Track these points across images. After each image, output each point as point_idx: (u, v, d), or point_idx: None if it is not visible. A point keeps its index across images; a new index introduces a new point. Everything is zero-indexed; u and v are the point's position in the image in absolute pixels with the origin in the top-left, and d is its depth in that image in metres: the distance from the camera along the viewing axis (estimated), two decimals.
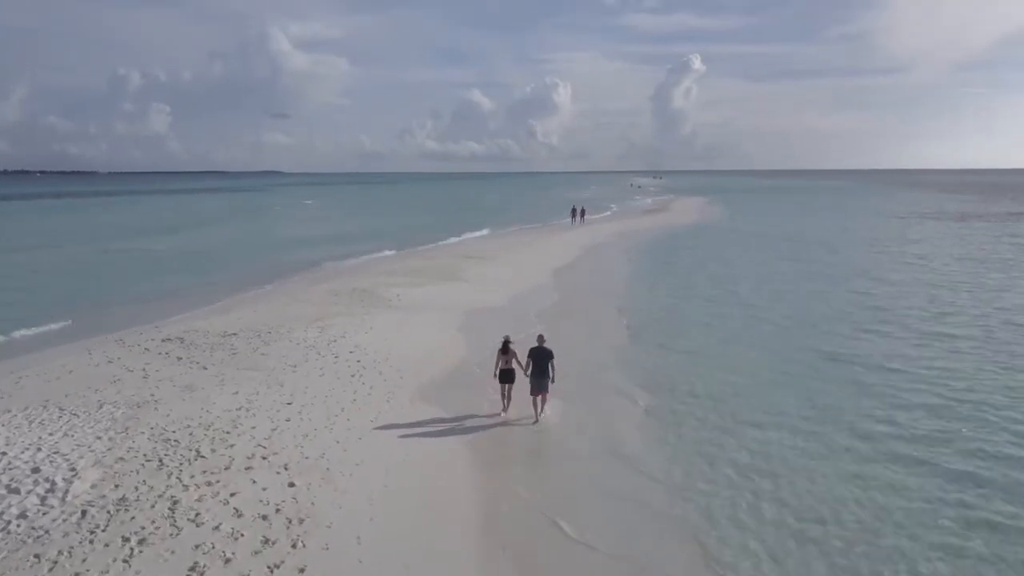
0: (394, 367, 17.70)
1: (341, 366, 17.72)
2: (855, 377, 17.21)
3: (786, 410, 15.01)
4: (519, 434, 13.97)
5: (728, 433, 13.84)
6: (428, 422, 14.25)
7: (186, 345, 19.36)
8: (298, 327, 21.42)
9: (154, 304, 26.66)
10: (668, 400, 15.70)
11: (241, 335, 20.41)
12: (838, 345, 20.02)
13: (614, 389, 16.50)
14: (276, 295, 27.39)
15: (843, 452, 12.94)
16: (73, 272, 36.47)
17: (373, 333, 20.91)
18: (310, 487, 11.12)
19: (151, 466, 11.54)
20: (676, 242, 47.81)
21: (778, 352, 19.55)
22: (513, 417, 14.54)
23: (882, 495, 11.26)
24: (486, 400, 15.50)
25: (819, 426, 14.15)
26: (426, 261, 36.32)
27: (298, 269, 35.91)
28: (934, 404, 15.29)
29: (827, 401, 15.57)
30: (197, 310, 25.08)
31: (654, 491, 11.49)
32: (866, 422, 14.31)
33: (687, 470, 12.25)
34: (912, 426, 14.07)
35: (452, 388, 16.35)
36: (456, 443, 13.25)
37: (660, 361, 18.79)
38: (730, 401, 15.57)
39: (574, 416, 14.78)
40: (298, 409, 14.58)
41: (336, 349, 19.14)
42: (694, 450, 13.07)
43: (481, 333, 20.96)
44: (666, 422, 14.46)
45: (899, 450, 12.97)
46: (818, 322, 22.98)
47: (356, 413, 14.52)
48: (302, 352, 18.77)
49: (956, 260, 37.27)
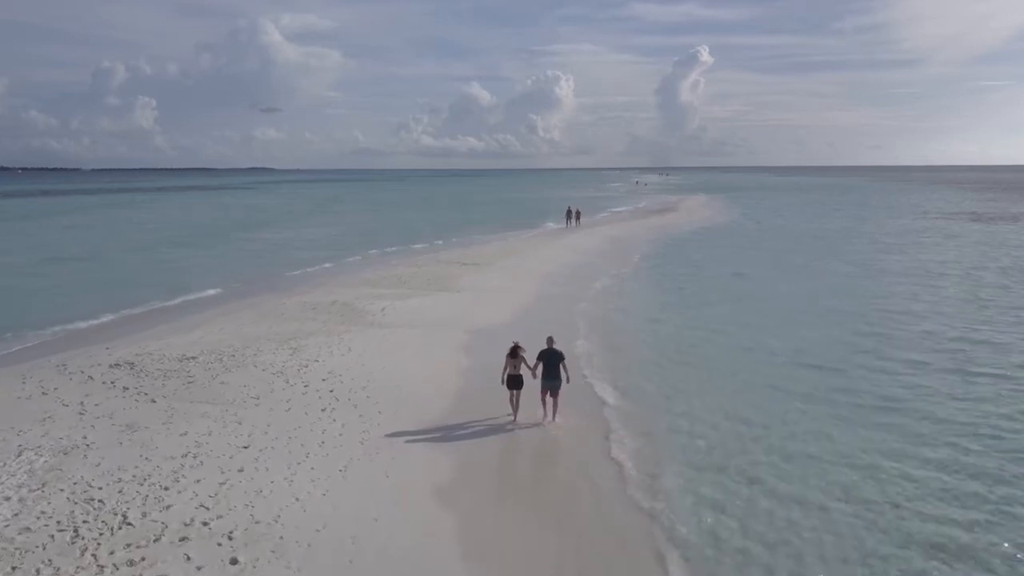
0: (372, 399, 16.01)
1: (311, 398, 16.03)
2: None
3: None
4: (526, 471, 12.28)
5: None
6: (407, 470, 12.57)
7: (136, 372, 17.65)
8: (267, 349, 19.73)
9: (109, 321, 24.97)
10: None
11: (201, 359, 18.70)
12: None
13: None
14: (247, 309, 25.66)
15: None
16: (20, 283, 33.84)
17: (351, 356, 19.21)
18: (256, 565, 9.43)
19: (62, 539, 9.82)
20: (684, 251, 45.98)
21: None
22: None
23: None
24: (483, 443, 13.84)
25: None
26: (415, 268, 34.59)
27: (274, 278, 34.26)
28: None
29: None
30: (158, 327, 23.37)
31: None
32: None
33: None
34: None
35: (440, 427, 14.66)
36: (436, 505, 11.54)
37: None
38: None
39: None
40: (255, 455, 12.89)
41: (307, 376, 17.44)
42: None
43: (478, 356, 19.29)
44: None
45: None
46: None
47: (323, 459, 12.83)
48: (268, 380, 17.07)
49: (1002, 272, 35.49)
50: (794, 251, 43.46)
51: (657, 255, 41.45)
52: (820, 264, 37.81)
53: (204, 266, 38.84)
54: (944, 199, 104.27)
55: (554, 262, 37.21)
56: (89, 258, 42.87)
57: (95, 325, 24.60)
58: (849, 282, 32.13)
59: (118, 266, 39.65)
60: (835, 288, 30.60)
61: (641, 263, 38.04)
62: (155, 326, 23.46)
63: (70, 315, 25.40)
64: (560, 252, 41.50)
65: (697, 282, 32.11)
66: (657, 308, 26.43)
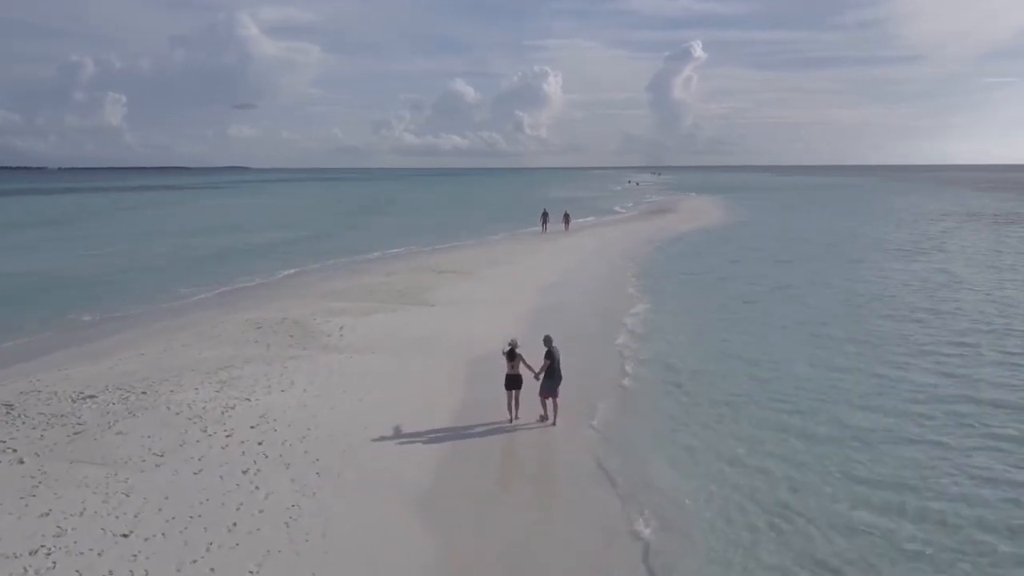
0: (311, 456, 12.82)
1: (232, 453, 12.83)
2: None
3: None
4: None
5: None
6: (347, 570, 9.40)
7: (12, 417, 14.33)
8: (188, 383, 16.46)
9: (5, 345, 21.54)
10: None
11: (101, 398, 15.40)
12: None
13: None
14: (178, 330, 22.35)
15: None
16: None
17: (292, 392, 15.98)
18: None
19: None
20: (681, 261, 42.80)
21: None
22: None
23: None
24: (468, 532, 10.70)
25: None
26: (384, 277, 31.35)
27: (221, 289, 30.85)
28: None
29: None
30: (62, 351, 20.14)
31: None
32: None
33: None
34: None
35: (403, 495, 11.49)
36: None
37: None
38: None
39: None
40: (136, 549, 9.68)
41: (232, 422, 14.22)
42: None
43: (459, 390, 16.21)
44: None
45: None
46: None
47: (229, 555, 9.66)
48: (180, 428, 13.82)
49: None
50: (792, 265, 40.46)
51: (653, 271, 38.39)
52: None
53: (141, 275, 35.08)
54: (967, 201, 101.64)
55: (544, 270, 34.05)
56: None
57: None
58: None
59: (25, 277, 34.73)
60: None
61: (639, 278, 34.95)
62: (59, 350, 20.25)
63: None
64: (549, 259, 38.38)
65: (699, 292, 29.05)
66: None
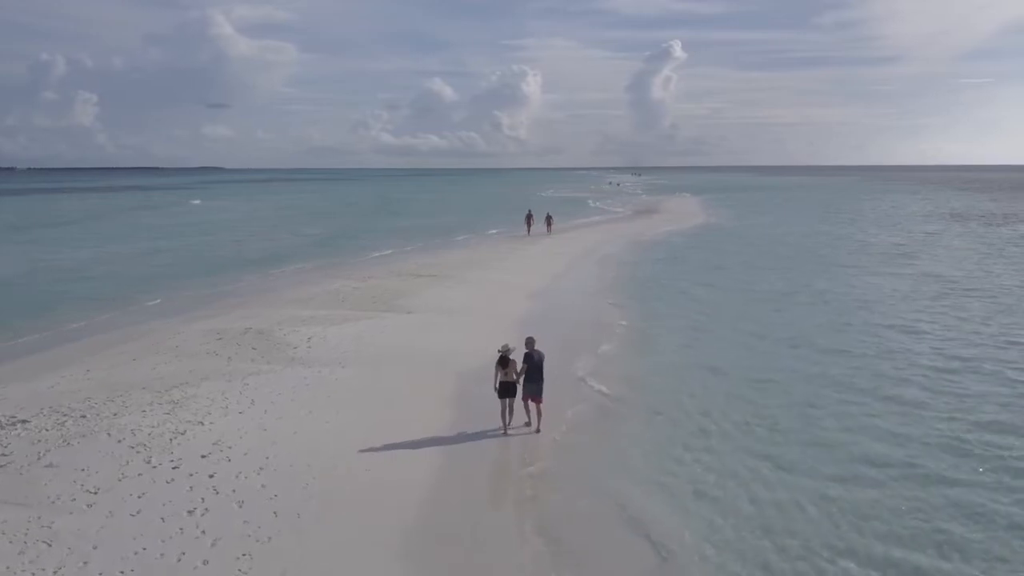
0: (268, 491, 11.40)
1: (178, 489, 11.37)
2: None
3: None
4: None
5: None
6: None
7: None
8: (136, 404, 14.98)
9: None
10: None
11: (34, 423, 13.88)
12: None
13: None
14: (132, 340, 20.80)
15: None
16: None
17: (251, 414, 14.53)
18: None
19: None
20: (665, 266, 41.68)
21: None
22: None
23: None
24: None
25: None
26: (357, 282, 29.83)
27: (184, 295, 29.14)
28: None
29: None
30: (5, 365, 18.52)
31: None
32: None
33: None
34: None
35: (380, 538, 10.11)
36: None
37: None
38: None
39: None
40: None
41: (181, 450, 12.75)
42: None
43: (450, 409, 14.89)
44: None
45: None
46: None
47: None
48: (121, 459, 12.34)
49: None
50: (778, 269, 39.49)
51: (636, 274, 37.21)
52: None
53: (97, 281, 33.17)
54: (948, 201, 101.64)
55: (529, 275, 32.74)
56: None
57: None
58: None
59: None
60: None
61: (623, 285, 33.74)
62: (7, 360, 18.68)
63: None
64: (533, 263, 37.06)
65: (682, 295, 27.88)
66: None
